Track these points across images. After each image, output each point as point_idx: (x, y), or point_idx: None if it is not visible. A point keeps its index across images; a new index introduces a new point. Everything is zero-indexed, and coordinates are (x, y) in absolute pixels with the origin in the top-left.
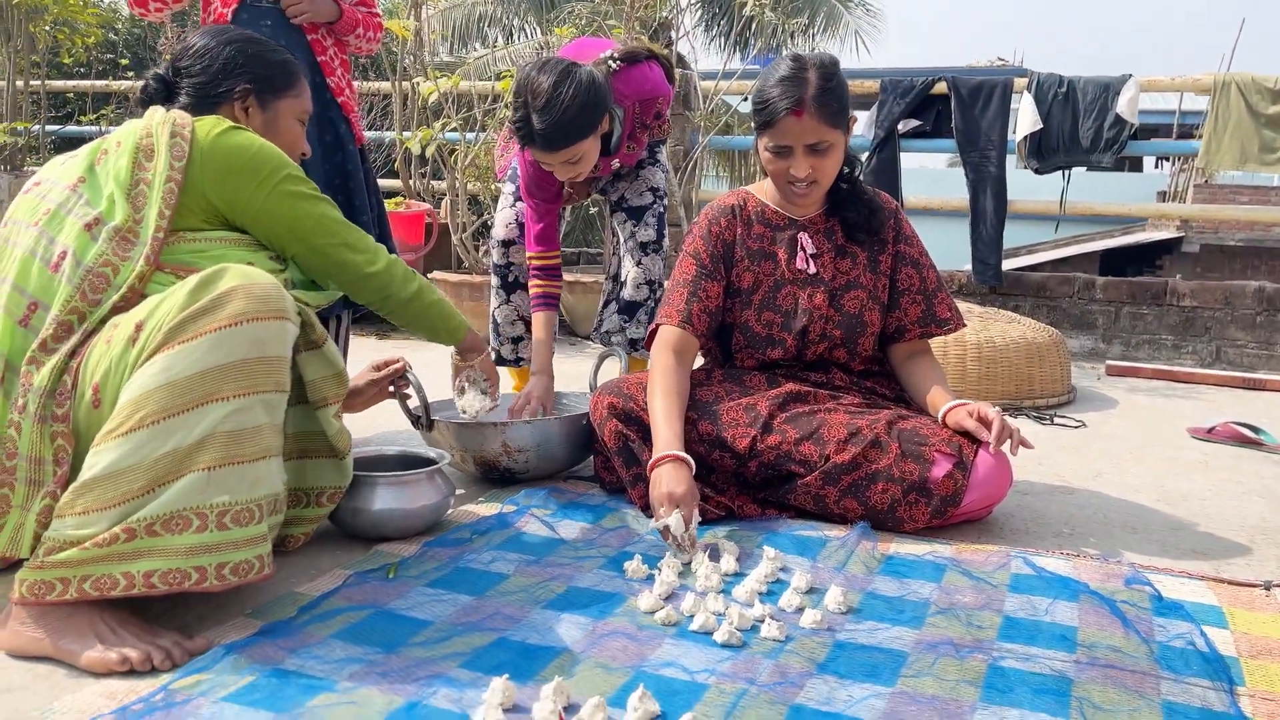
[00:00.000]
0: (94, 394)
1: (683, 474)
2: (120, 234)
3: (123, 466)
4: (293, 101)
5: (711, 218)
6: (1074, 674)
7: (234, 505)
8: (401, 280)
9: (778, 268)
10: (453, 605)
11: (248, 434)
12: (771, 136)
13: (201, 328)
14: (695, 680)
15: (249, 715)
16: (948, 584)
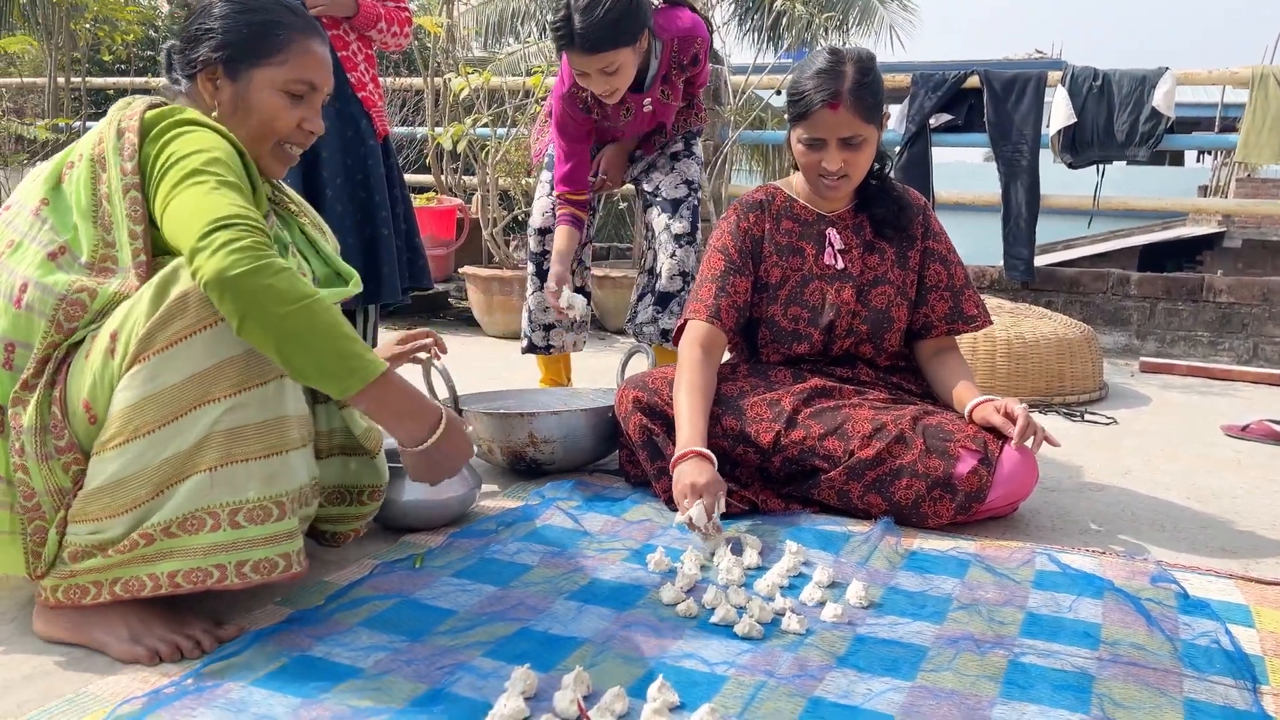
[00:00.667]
0: (87, 411)
1: (704, 467)
2: (95, 267)
3: (125, 475)
4: (273, 70)
5: (739, 213)
6: (1095, 671)
7: (245, 503)
8: (254, 290)
9: (805, 263)
10: (477, 595)
11: (249, 431)
12: (805, 129)
13: (175, 334)
14: (715, 672)
15: (276, 699)
16: (971, 580)
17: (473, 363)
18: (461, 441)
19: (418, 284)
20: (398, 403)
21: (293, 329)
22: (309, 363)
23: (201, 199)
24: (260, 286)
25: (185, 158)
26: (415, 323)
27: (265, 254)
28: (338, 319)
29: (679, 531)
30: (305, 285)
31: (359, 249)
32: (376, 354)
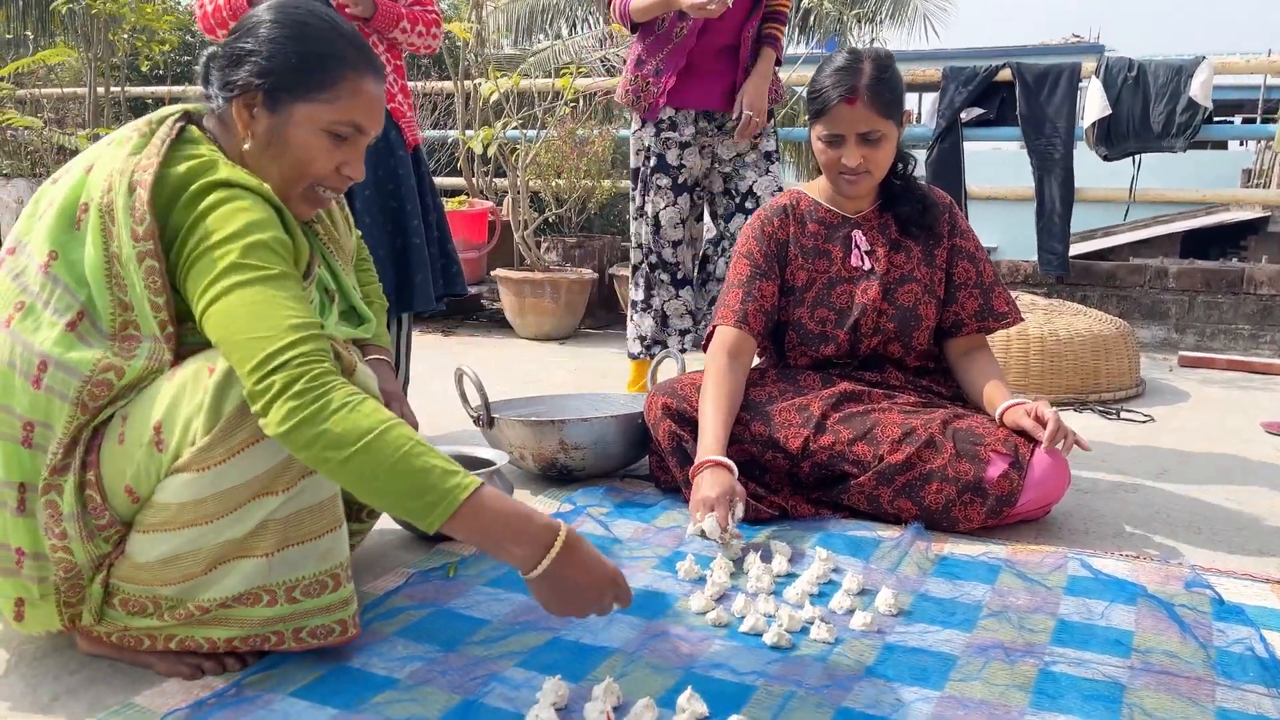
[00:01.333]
0: (129, 494)
1: (720, 477)
2: (118, 338)
3: (180, 553)
4: (320, 107)
5: (764, 218)
6: (1127, 680)
7: (302, 580)
8: (327, 419)
9: (832, 265)
10: (510, 604)
11: (305, 514)
12: (825, 125)
13: (237, 445)
14: (744, 682)
15: (316, 711)
16: (1001, 586)
17: (509, 366)
18: (590, 563)
19: (452, 290)
20: (495, 528)
21: (357, 471)
22: (384, 501)
23: (249, 312)
24: (315, 435)
25: (224, 243)
26: (450, 325)
27: (321, 394)
28: (406, 449)
29: (699, 541)
30: (366, 419)
31: (390, 258)
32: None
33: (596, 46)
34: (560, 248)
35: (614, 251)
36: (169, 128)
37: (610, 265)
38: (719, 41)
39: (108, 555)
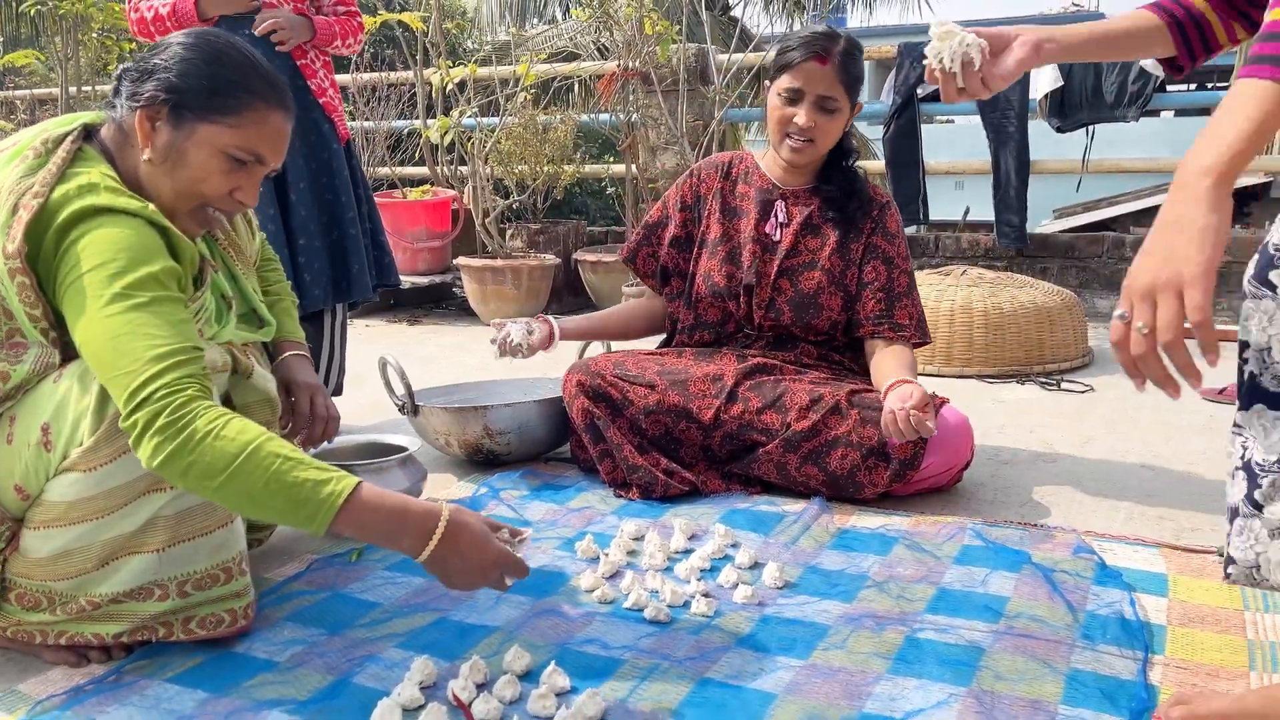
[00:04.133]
0: (19, 493)
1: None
2: (4, 345)
3: (71, 549)
4: (223, 130)
5: (696, 169)
6: (989, 644)
7: (194, 575)
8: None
9: (747, 226)
10: (406, 588)
11: (195, 511)
12: (789, 78)
13: (121, 445)
14: (613, 656)
15: (188, 694)
16: (892, 557)
17: (467, 353)
18: (476, 543)
19: (386, 280)
20: (379, 523)
21: (233, 495)
22: (267, 516)
23: (113, 346)
24: (186, 467)
25: (91, 273)
26: (417, 314)
27: (184, 424)
28: (276, 467)
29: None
30: (232, 444)
31: (326, 249)
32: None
33: (590, 30)
34: (525, 234)
35: (579, 237)
36: (67, 150)
37: (575, 250)
38: None
39: (1, 551)
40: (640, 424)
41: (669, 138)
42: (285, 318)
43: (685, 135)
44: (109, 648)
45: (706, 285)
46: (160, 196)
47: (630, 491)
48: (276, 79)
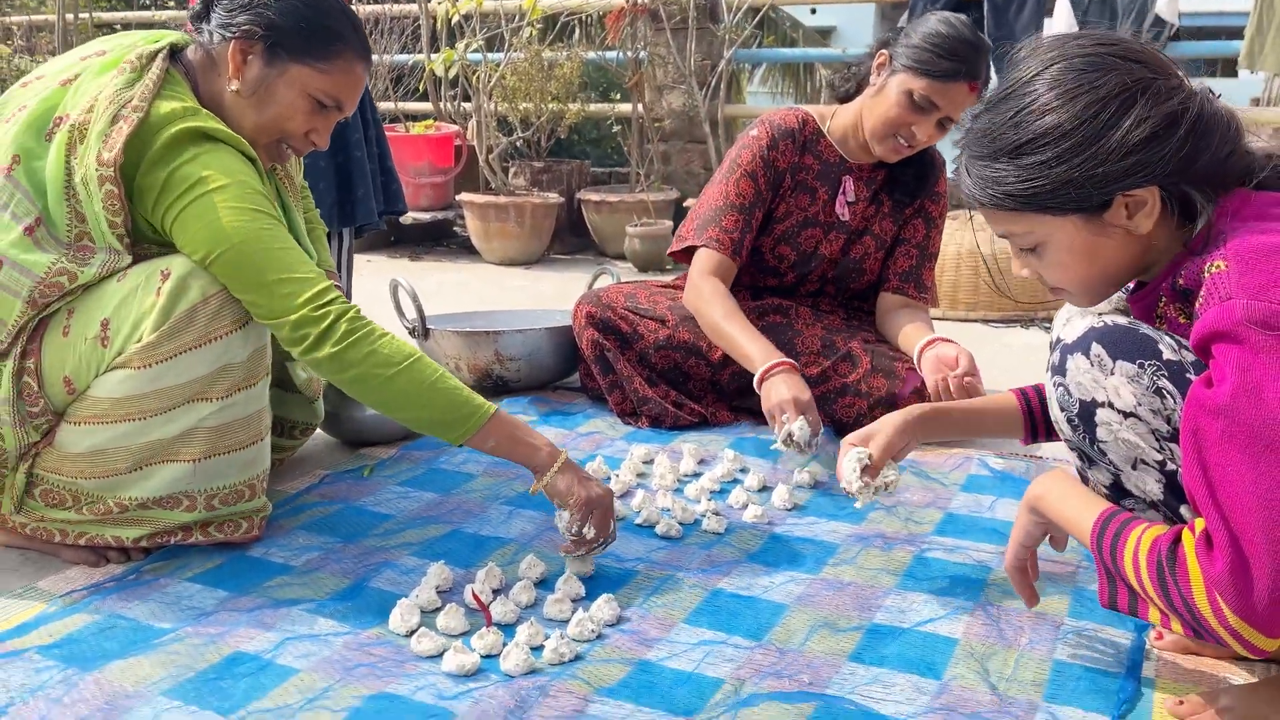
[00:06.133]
0: (66, 385)
1: (798, 380)
2: (73, 246)
3: (108, 448)
4: (313, 74)
5: (771, 139)
6: (995, 564)
7: (223, 489)
8: (352, 344)
9: (813, 205)
10: (418, 502)
11: (234, 426)
12: (930, 86)
13: (181, 346)
14: (626, 568)
15: (209, 593)
16: (901, 483)
17: (468, 290)
18: (589, 474)
19: (393, 207)
20: (517, 439)
21: (401, 387)
22: (420, 416)
23: (282, 255)
24: (368, 354)
25: (223, 190)
26: (418, 251)
27: (366, 322)
28: (441, 373)
29: (779, 452)
30: (406, 346)
31: (332, 173)
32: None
33: None
34: (528, 172)
35: (583, 176)
36: (159, 68)
37: (579, 190)
38: None
39: (35, 444)
40: (650, 358)
41: (676, 77)
42: (319, 246)
43: (693, 74)
44: (128, 550)
45: (752, 260)
46: (241, 127)
47: (639, 421)
48: (362, 28)
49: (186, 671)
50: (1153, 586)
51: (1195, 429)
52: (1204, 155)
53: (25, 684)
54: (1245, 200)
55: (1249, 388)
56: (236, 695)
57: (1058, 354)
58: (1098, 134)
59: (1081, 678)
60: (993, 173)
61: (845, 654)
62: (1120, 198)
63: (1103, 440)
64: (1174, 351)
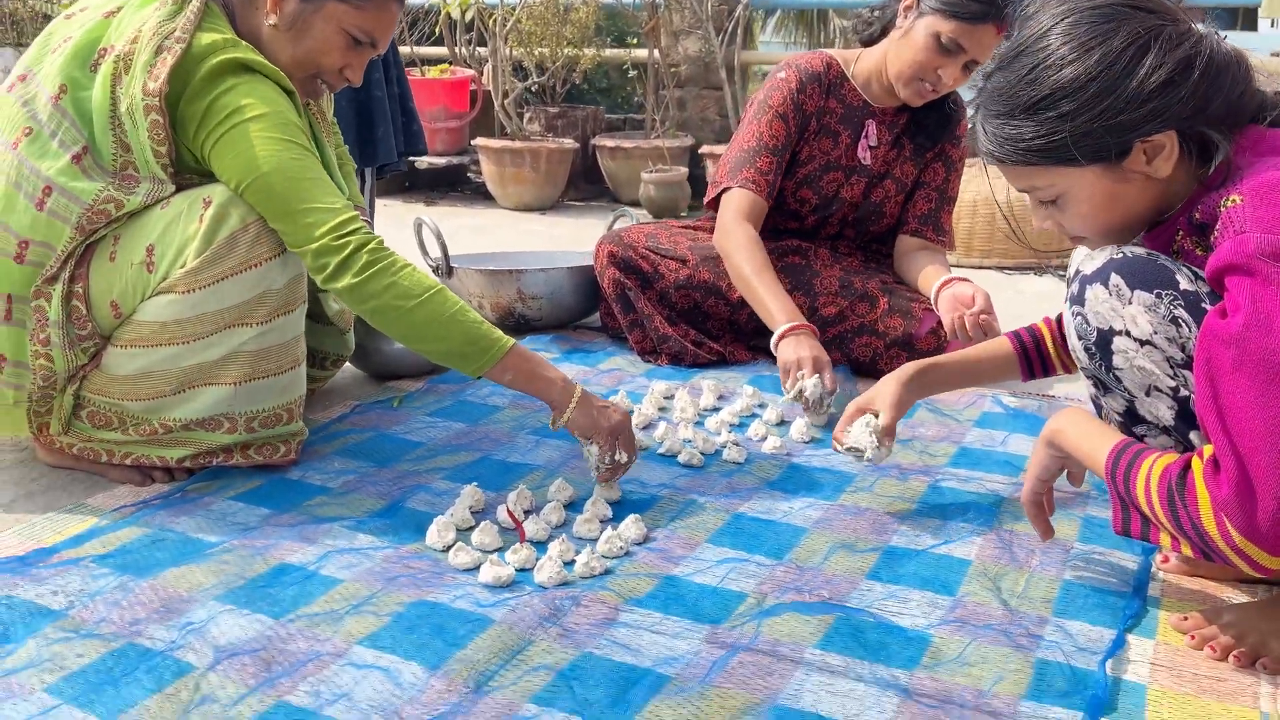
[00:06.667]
0: (113, 309)
1: (815, 341)
2: (119, 175)
3: (153, 371)
4: (351, 11)
5: (800, 83)
6: (1008, 493)
7: (263, 412)
8: (376, 274)
9: (835, 149)
10: (447, 431)
11: (273, 350)
12: (957, 29)
13: (222, 272)
14: (650, 493)
15: (251, 510)
16: (915, 420)
17: (484, 234)
18: (607, 402)
19: (413, 148)
20: (535, 373)
21: (420, 319)
22: (438, 348)
23: (311, 185)
24: (388, 285)
25: (258, 120)
26: (433, 196)
27: (388, 253)
28: (461, 305)
29: (785, 406)
30: (426, 278)
31: (353, 112)
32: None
33: None
34: (543, 117)
35: (598, 122)
36: (199, 1)
37: (593, 136)
38: None
39: (83, 367)
40: (670, 297)
41: (693, 22)
42: (349, 181)
43: (710, 19)
44: (171, 470)
45: (789, 201)
46: (278, 61)
47: (659, 359)
48: None
49: (236, 580)
50: (1163, 511)
51: (1208, 358)
52: (1218, 96)
53: (83, 589)
54: (1260, 137)
55: (1260, 319)
56: (285, 601)
57: (1077, 285)
58: (1114, 84)
59: (1089, 596)
60: (1011, 130)
61: (863, 572)
62: (1139, 144)
63: (1119, 368)
64: (1190, 282)
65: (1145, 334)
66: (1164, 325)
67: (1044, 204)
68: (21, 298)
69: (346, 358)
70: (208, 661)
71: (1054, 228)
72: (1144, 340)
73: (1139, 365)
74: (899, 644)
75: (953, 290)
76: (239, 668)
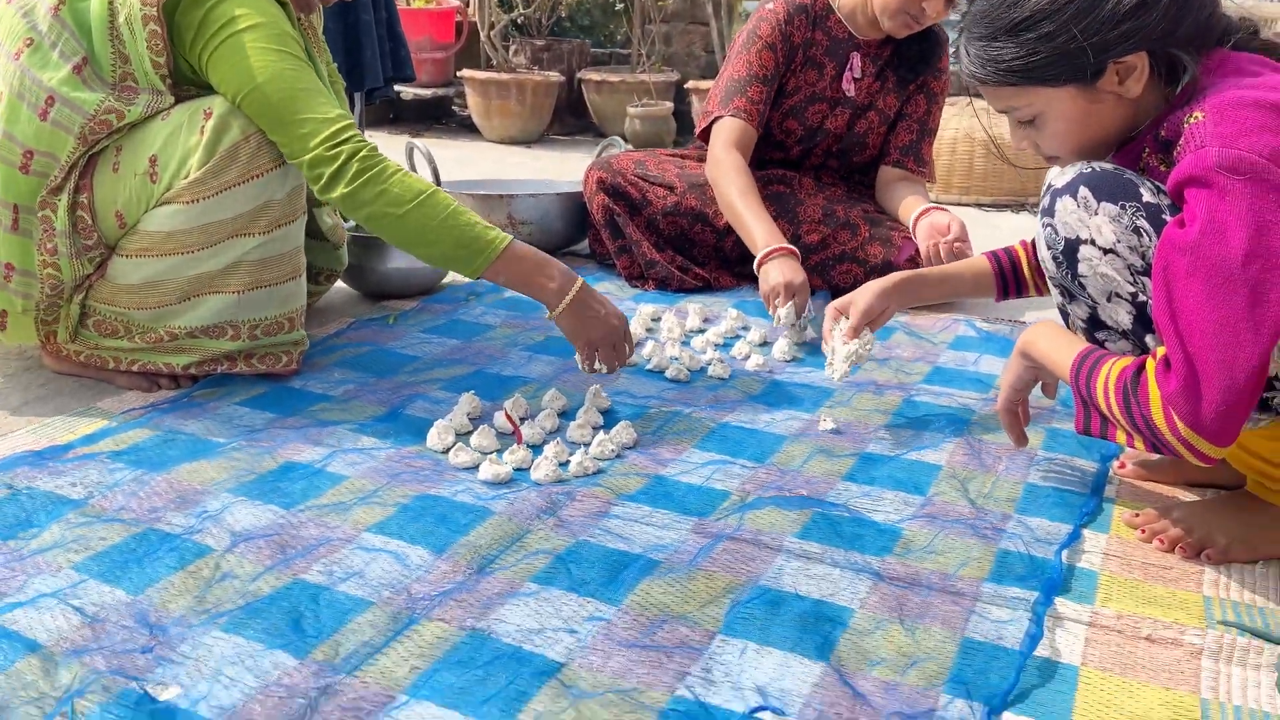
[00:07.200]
0: (118, 219)
1: (794, 264)
2: (118, 86)
3: (158, 280)
4: None
5: (788, 13)
6: (979, 408)
7: (265, 320)
8: (369, 180)
9: (821, 81)
10: (442, 347)
11: (274, 260)
12: None
13: (226, 183)
14: (639, 404)
15: (257, 414)
16: (892, 342)
17: (471, 166)
18: (605, 300)
19: (401, 73)
20: (530, 271)
21: (413, 224)
22: (433, 252)
23: (305, 95)
24: (379, 193)
25: (253, 30)
26: (418, 128)
27: (380, 160)
28: (453, 208)
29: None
30: (418, 183)
31: (340, 36)
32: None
33: None
34: (528, 50)
35: (583, 56)
36: None
37: (579, 70)
38: None
39: (89, 276)
40: (658, 223)
41: None
42: (340, 100)
43: None
44: (177, 377)
45: (775, 131)
46: None
47: (646, 284)
48: None
49: (247, 475)
50: (1119, 408)
51: (1166, 265)
52: (1186, 19)
53: (101, 481)
54: (1224, 59)
55: (1215, 227)
56: (295, 494)
57: (1048, 197)
58: (1090, 6)
59: (1050, 496)
60: (994, 51)
61: (840, 475)
62: (1112, 65)
63: (1083, 275)
64: (1153, 195)
65: (1109, 243)
66: (1127, 234)
67: (1022, 124)
68: (28, 208)
69: (339, 273)
70: (225, 544)
71: (1031, 148)
72: (1107, 249)
73: (1102, 272)
74: (872, 535)
75: (930, 219)
76: (255, 550)
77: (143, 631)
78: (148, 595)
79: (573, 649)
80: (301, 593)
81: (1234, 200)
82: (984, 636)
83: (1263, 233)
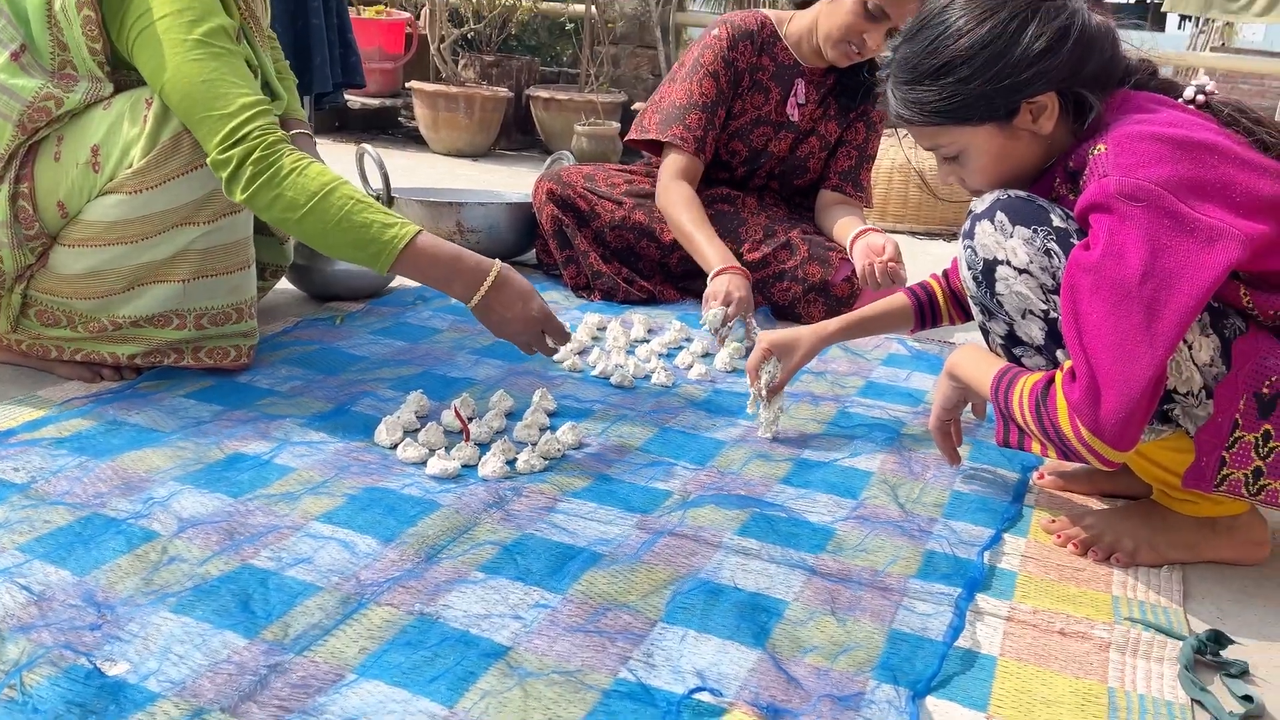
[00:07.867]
0: (59, 209)
1: (742, 281)
2: (57, 74)
3: (102, 270)
4: None
5: (731, 40)
6: (909, 420)
7: (212, 309)
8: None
9: (766, 104)
10: (389, 348)
11: (220, 250)
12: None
13: (169, 173)
14: (584, 407)
15: (204, 406)
16: (829, 357)
17: (417, 178)
18: (523, 294)
19: (351, 80)
20: (436, 268)
21: (310, 229)
22: (338, 253)
23: (206, 90)
24: (272, 199)
25: (170, 16)
26: (364, 138)
27: (273, 161)
28: (349, 208)
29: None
30: (313, 182)
31: (290, 40)
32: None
33: None
34: (478, 65)
35: (532, 73)
36: None
37: (527, 86)
38: None
39: (30, 266)
40: (605, 236)
41: None
42: (290, 94)
43: None
44: (121, 368)
45: (721, 152)
46: None
47: (592, 295)
48: None
49: (194, 465)
50: (1032, 418)
51: (1072, 284)
52: (1091, 61)
53: (44, 467)
54: (1126, 98)
55: (1115, 250)
56: (243, 484)
57: (969, 222)
58: (1002, 52)
59: (975, 502)
60: (918, 94)
61: (777, 478)
62: (1025, 105)
63: (1000, 294)
64: (1062, 220)
65: (1023, 263)
66: (1039, 256)
67: (947, 160)
68: None
69: (285, 268)
70: (172, 529)
71: (956, 182)
72: (1022, 269)
73: (1017, 290)
74: (807, 534)
75: (867, 239)
76: (203, 535)
77: (90, 610)
78: (94, 576)
79: (519, 633)
80: (250, 577)
81: (1132, 225)
82: (910, 628)
83: (1157, 255)
